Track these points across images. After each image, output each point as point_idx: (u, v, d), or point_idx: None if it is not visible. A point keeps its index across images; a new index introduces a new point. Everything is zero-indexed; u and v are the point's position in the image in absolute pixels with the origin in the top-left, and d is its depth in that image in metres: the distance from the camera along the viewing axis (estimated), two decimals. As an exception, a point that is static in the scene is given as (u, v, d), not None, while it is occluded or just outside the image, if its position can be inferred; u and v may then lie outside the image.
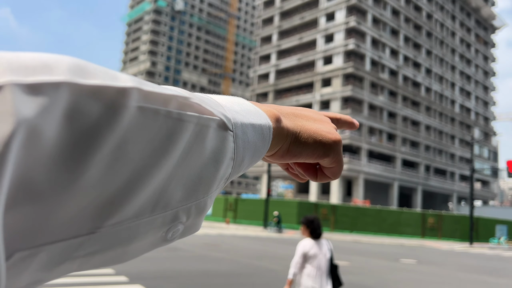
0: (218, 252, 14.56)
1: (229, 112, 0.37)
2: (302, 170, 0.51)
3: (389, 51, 57.18)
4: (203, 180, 0.34)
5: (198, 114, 0.32)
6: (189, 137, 0.32)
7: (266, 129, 0.40)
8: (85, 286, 7.50)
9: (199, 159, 0.33)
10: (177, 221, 0.34)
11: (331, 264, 4.49)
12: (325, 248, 4.51)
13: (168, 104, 0.30)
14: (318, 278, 4.29)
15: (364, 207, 36.66)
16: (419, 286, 10.12)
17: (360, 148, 51.32)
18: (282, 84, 59.48)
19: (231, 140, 0.36)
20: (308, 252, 4.39)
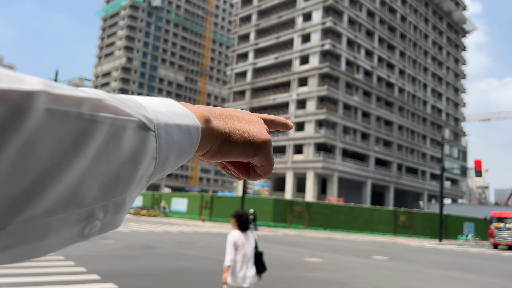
0: (192, 249, 14.53)
1: (152, 113, 0.38)
2: (235, 169, 0.54)
3: (364, 51, 58.11)
4: (121, 178, 0.35)
5: (113, 115, 0.33)
6: (104, 137, 0.32)
7: (193, 129, 0.42)
8: (56, 285, 7.35)
9: (116, 158, 0.34)
10: (94, 218, 0.34)
11: (256, 252, 5.25)
12: (251, 238, 5.24)
13: (80, 106, 0.30)
14: (244, 264, 5.04)
15: (338, 205, 37.15)
16: (389, 282, 10.36)
17: (335, 147, 52.00)
18: (259, 83, 59.59)
19: (152, 140, 0.36)
20: (237, 242, 5.06)
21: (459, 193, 78.18)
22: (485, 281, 11.83)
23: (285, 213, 34.66)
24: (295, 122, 53.58)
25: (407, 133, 65.30)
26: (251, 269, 5.13)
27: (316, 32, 53.86)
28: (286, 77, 55.99)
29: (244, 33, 64.07)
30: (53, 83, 0.30)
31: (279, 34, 58.25)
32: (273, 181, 65.53)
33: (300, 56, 55.14)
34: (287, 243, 20.22)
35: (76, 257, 10.77)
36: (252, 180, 0.55)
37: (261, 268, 5.30)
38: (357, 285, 9.49)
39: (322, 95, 51.58)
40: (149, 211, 41.02)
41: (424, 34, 71.61)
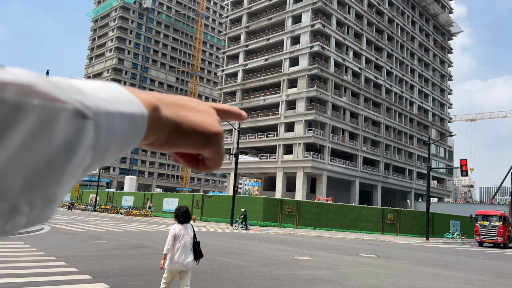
0: (183, 249, 14.62)
1: (93, 99, 0.35)
2: (184, 160, 0.51)
3: (352, 53, 58.62)
4: (52, 170, 0.32)
5: (43, 101, 0.30)
6: (31, 126, 0.30)
7: (139, 117, 0.39)
8: (48, 286, 7.39)
9: (46, 149, 0.31)
10: (17, 212, 0.31)
11: (194, 241, 6.04)
12: (190, 230, 6.08)
13: (3, 91, 0.28)
14: (183, 252, 5.88)
15: (327, 204, 37.48)
16: (377, 279, 10.56)
17: (324, 147, 52.38)
18: (249, 84, 59.73)
19: (90, 129, 0.34)
20: (177, 233, 5.92)
21: (445, 192, 79.26)
22: (471, 278, 12.11)
23: (275, 212, 34.89)
24: (285, 122, 53.85)
25: (394, 133, 65.99)
26: (190, 255, 5.94)
27: (305, 34, 54.19)
28: (276, 78, 56.23)
29: (235, 35, 64.15)
30: None
31: (269, 36, 58.46)
32: (263, 181, 65.74)
33: (290, 58, 55.42)
34: (277, 241, 20.41)
35: (67, 257, 10.81)
36: (202, 171, 0.52)
37: (198, 255, 6.09)
38: (346, 282, 9.68)
39: (311, 96, 51.92)
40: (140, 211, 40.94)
41: (411, 36, 72.46)
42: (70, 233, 18.43)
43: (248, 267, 11.14)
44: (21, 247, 12.83)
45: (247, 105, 58.97)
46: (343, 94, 56.51)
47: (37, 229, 18.62)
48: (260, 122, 56.53)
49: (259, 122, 56.69)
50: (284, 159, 53.05)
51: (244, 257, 13.23)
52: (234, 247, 16.15)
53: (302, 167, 50.82)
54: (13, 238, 15.34)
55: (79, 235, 17.87)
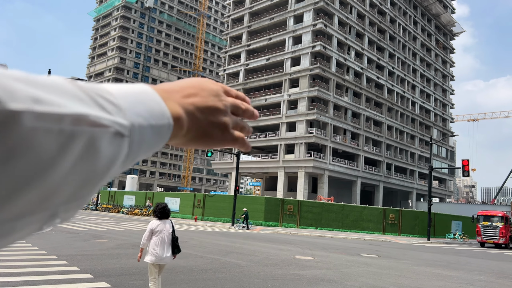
0: (185, 248, 14.58)
1: (130, 115, 0.38)
2: None
3: (354, 53, 58.54)
4: (91, 183, 0.36)
5: (92, 127, 0.34)
6: (80, 150, 0.33)
7: (165, 128, 0.42)
8: (49, 285, 7.39)
9: (90, 168, 0.35)
10: (55, 217, 0.36)
11: (172, 237, 6.27)
12: (168, 226, 6.29)
13: (61, 122, 0.31)
14: (161, 246, 6.07)
15: (328, 203, 37.43)
16: (378, 279, 10.56)
17: (325, 147, 52.35)
18: (251, 83, 59.72)
19: (125, 146, 0.38)
20: (154, 229, 6.16)
21: (447, 192, 79.14)
22: (473, 279, 12.10)
23: (277, 212, 34.87)
24: (286, 122, 53.83)
25: (396, 133, 65.91)
26: (167, 250, 6.15)
27: (307, 33, 54.14)
28: (278, 78, 56.20)
29: (236, 34, 64.13)
30: (40, 96, 0.31)
31: (271, 35, 58.42)
32: (265, 181, 65.72)
33: (292, 58, 55.38)
34: (279, 241, 20.41)
35: (68, 257, 10.82)
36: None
37: (176, 250, 6.32)
38: (347, 282, 9.67)
39: (313, 95, 51.89)
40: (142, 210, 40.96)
41: (413, 36, 72.35)
42: (72, 232, 18.45)
43: (249, 266, 11.14)
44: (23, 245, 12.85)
45: (249, 105, 58.89)
46: (344, 94, 56.45)
47: (38, 228, 18.63)
48: (262, 121, 56.51)
49: (260, 121, 56.68)
50: (286, 158, 53.03)
51: (245, 257, 13.23)
52: (235, 247, 16.15)
53: (304, 167, 50.80)
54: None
55: (80, 234, 17.89)
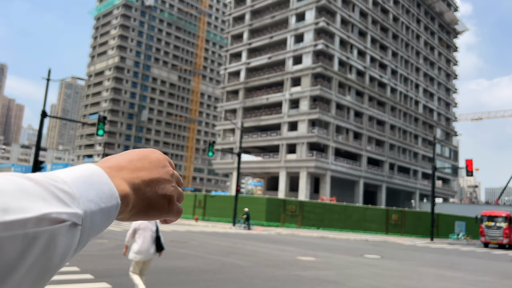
0: (185, 249, 14.51)
1: (83, 203, 0.40)
2: None
3: (356, 52, 58.34)
4: (45, 277, 0.38)
5: (53, 226, 0.36)
6: (41, 248, 0.35)
7: (113, 209, 0.44)
8: (51, 285, 7.29)
9: (47, 263, 0.36)
10: None
11: (156, 235, 6.61)
12: (151, 225, 6.64)
13: (26, 226, 0.33)
14: (145, 244, 6.45)
15: (330, 204, 37.26)
16: (381, 281, 10.42)
17: (328, 147, 52.19)
18: (252, 82, 59.59)
19: (78, 235, 0.39)
20: (138, 227, 6.51)
21: (450, 192, 78.88)
22: (476, 279, 11.94)
23: (278, 212, 34.72)
24: (288, 121, 53.67)
25: (399, 132, 65.71)
26: (151, 248, 6.52)
27: (309, 32, 53.97)
28: (279, 76, 56.05)
29: (238, 33, 64.01)
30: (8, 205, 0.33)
31: (272, 34, 58.28)
32: (266, 181, 65.57)
33: (293, 56, 55.22)
34: (280, 242, 20.27)
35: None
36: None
37: (159, 248, 6.66)
38: (350, 283, 9.54)
39: (315, 94, 51.72)
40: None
41: (416, 34, 72.12)
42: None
43: (250, 267, 11.01)
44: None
45: (250, 104, 58.84)
46: (347, 93, 56.27)
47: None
48: (263, 121, 56.37)
49: (262, 121, 56.53)
50: (287, 158, 52.87)
51: (246, 258, 13.11)
52: (236, 248, 16.02)
53: (306, 166, 50.64)
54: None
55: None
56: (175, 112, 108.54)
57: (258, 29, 61.69)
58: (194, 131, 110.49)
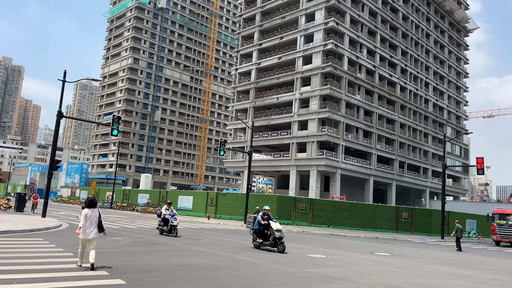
0: (198, 246, 14.78)
1: None
2: None
3: (366, 51, 58.14)
4: None
5: None
6: None
7: None
8: (65, 282, 7.52)
9: None
10: None
11: (99, 220, 9.26)
12: (95, 212, 9.24)
13: None
14: (91, 226, 9.11)
15: (341, 202, 37.32)
16: (392, 278, 10.51)
17: (338, 145, 52.16)
18: (263, 82, 59.77)
19: None
20: (86, 214, 9.13)
21: (461, 190, 78.15)
22: (488, 277, 11.98)
23: (289, 210, 34.90)
24: (298, 120, 53.75)
25: (409, 131, 65.33)
26: (94, 229, 9.16)
27: (318, 32, 53.95)
28: (290, 76, 56.14)
29: (248, 34, 64.24)
30: None
31: (282, 34, 58.37)
32: (277, 179, 65.75)
33: (303, 56, 55.25)
34: (291, 239, 20.46)
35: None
36: None
37: (100, 229, 9.26)
38: (360, 281, 9.67)
39: (324, 94, 51.73)
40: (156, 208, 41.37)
41: (426, 33, 71.54)
42: (87, 230, 18.74)
43: (262, 264, 11.23)
44: (40, 243, 13.15)
45: (261, 104, 59.05)
46: (357, 92, 56.16)
47: (55, 225, 19.02)
48: (274, 120, 56.54)
49: (272, 120, 56.71)
50: (298, 157, 52.99)
51: (258, 254, 13.33)
52: (248, 245, 16.26)
53: (316, 165, 50.72)
54: (33, 234, 15.71)
55: (96, 232, 18.16)
56: (187, 112, 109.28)
57: (268, 29, 61.84)
58: (206, 131, 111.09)
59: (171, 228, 18.37)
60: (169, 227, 18.40)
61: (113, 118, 24.08)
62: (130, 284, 7.49)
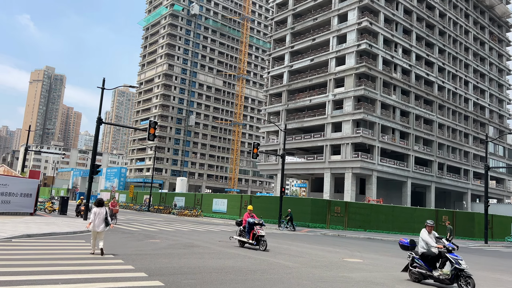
0: (233, 249, 14.90)
1: None
2: None
3: (401, 50, 56.83)
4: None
5: None
6: None
7: None
8: (106, 282, 7.76)
9: None
10: None
11: (105, 217, 11.48)
12: (103, 210, 11.52)
13: None
14: (99, 222, 11.33)
15: (377, 205, 36.57)
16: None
17: (373, 147, 51.19)
18: (295, 85, 59.61)
19: None
20: (95, 212, 11.33)
21: (505, 193, 74.61)
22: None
23: (324, 214, 34.54)
24: (332, 122, 53.19)
25: (448, 131, 63.23)
26: (102, 223, 11.36)
27: (351, 32, 53.26)
28: (322, 78, 55.70)
29: (280, 36, 64.31)
30: None
31: (315, 36, 58.02)
32: (310, 182, 65.26)
33: (336, 57, 54.68)
34: (326, 243, 20.24)
35: (125, 256, 11.38)
36: None
37: (106, 224, 11.49)
38: (399, 286, 9.42)
39: (359, 95, 50.95)
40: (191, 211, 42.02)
41: (465, 29, 69.10)
42: (126, 232, 19.30)
43: (297, 268, 11.17)
44: (83, 245, 13.65)
45: (293, 106, 58.88)
46: (392, 92, 54.96)
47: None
48: (306, 122, 56.22)
49: (305, 122, 56.40)
50: (332, 159, 52.41)
51: (293, 258, 13.27)
52: (282, 248, 16.22)
53: (351, 167, 49.96)
54: (75, 236, 16.33)
55: (134, 234, 18.68)
56: (221, 116, 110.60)
57: (300, 32, 61.68)
58: (239, 134, 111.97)
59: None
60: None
61: (150, 123, 24.72)
62: (168, 286, 7.64)
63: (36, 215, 26.80)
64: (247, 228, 15.87)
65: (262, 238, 15.29)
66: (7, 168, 29.17)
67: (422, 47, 60.08)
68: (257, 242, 15.35)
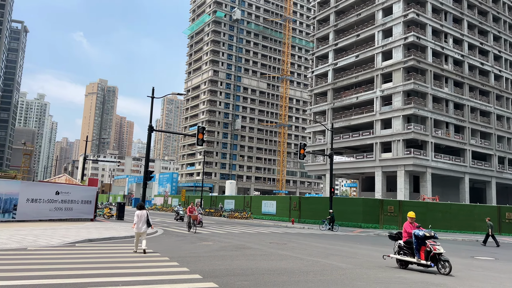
0: (285, 250, 14.86)
1: None
2: None
3: (452, 40, 54.30)
4: None
5: None
6: None
7: None
8: (163, 284, 7.95)
9: None
10: None
11: (147, 219, 12.93)
12: (144, 213, 12.98)
13: None
14: (142, 223, 12.86)
15: (433, 203, 35.09)
16: (497, 284, 9.64)
17: (426, 143, 49.23)
18: (340, 82, 58.67)
19: None
20: (138, 215, 12.91)
21: None
22: None
23: (376, 213, 33.63)
24: (381, 119, 51.77)
25: (508, 122, 59.51)
26: (143, 225, 12.82)
27: (397, 25, 51.63)
28: (369, 74, 54.40)
29: (323, 35, 63.61)
30: None
31: (359, 31, 56.84)
32: (361, 181, 63.81)
33: (382, 52, 53.21)
34: (380, 243, 19.69)
35: (180, 258, 11.68)
36: None
37: (148, 225, 12.94)
38: (460, 287, 9.01)
39: (408, 89, 49.23)
40: (241, 213, 42.44)
41: (522, 13, 64.90)
42: (180, 235, 19.83)
43: (351, 269, 10.96)
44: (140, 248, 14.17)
45: (339, 104, 57.92)
46: (444, 84, 52.61)
47: (152, 232, 20.38)
48: (354, 120, 55.09)
49: (352, 120, 55.29)
50: (382, 157, 50.96)
51: (346, 259, 13.04)
52: (334, 249, 15.97)
53: (403, 165, 48.33)
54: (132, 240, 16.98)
55: (187, 237, 19.14)
56: (266, 118, 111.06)
57: (343, 28, 60.66)
58: (285, 136, 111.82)
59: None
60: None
61: (198, 129, 25.28)
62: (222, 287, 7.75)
63: (96, 220, 28.18)
64: (415, 244, 11.35)
65: (441, 257, 10.95)
66: (68, 177, 30.96)
67: (474, 35, 57.08)
68: (434, 262, 10.96)
